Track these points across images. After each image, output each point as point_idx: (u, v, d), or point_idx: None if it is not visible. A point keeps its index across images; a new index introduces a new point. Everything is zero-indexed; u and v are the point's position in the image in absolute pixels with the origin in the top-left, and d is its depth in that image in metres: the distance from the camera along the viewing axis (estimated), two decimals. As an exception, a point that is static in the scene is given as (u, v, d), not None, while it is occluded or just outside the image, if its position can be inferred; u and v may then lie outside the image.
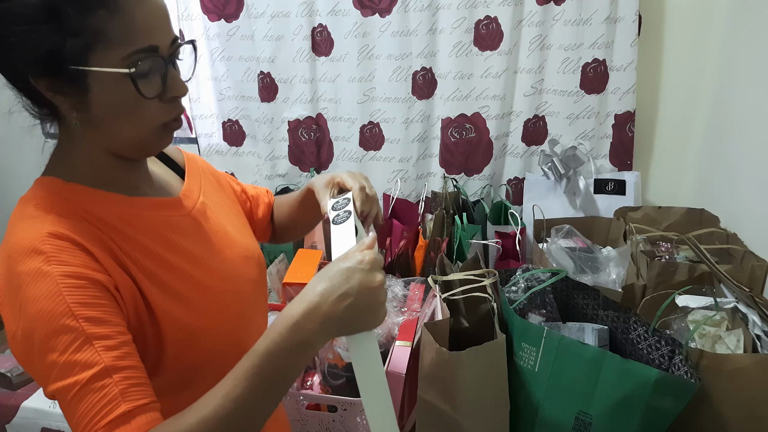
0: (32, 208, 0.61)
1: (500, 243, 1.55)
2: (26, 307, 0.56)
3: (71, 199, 0.63)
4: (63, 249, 0.58)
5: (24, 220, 0.61)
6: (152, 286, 0.63)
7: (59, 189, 0.63)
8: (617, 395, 0.84)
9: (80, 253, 0.59)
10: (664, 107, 1.62)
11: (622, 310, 1.00)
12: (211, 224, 0.76)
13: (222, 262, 0.74)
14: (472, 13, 1.59)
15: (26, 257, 0.57)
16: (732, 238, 1.27)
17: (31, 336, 0.56)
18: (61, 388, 0.55)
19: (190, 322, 0.66)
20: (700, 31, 1.51)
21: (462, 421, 0.93)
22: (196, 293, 0.68)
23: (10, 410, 1.33)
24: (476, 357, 0.90)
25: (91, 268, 0.59)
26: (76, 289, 0.56)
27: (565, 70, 1.60)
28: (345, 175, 0.83)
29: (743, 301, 0.99)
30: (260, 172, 1.93)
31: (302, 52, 1.73)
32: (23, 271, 0.56)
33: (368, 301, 0.59)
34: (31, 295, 0.56)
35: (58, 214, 0.61)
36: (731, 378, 0.85)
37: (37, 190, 0.64)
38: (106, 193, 0.65)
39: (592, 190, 1.63)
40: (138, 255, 0.64)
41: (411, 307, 1.24)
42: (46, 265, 0.56)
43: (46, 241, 0.57)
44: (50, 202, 0.61)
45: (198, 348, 0.67)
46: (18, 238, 0.59)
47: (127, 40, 0.57)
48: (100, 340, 0.56)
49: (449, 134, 1.72)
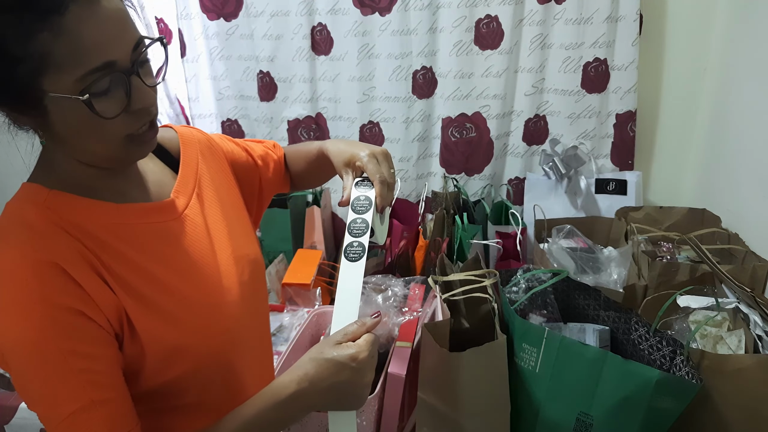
0: (10, 224, 0.59)
1: (501, 243, 1.54)
2: (4, 338, 0.56)
3: (54, 208, 0.60)
4: (45, 280, 0.56)
5: (5, 236, 0.59)
6: (135, 304, 0.62)
7: (42, 197, 0.60)
8: (618, 396, 0.84)
9: (64, 281, 0.57)
10: (665, 107, 1.61)
11: (623, 311, 1.00)
12: (203, 224, 0.74)
13: (212, 269, 0.72)
14: (473, 11, 1.59)
15: (6, 285, 0.56)
16: (733, 238, 1.27)
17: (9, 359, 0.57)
18: (45, 415, 0.58)
19: (173, 340, 0.64)
20: (701, 30, 1.51)
21: (462, 422, 0.93)
22: (182, 309, 0.66)
23: (9, 411, 1.32)
24: (477, 358, 0.89)
25: (76, 297, 0.57)
26: (57, 323, 0.56)
27: (566, 69, 1.59)
28: (366, 160, 0.78)
29: (744, 301, 0.99)
30: (260, 171, 1.92)
31: (302, 51, 1.72)
32: (4, 300, 0.56)
33: (353, 393, 0.65)
34: (12, 326, 0.56)
35: (39, 231, 0.58)
36: (732, 378, 0.85)
37: (20, 199, 0.62)
38: (91, 202, 0.63)
39: (594, 189, 1.62)
40: (122, 270, 0.62)
41: (411, 307, 1.24)
42: (28, 299, 0.55)
43: (29, 271, 0.56)
44: (31, 216, 0.59)
45: (179, 364, 0.66)
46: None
47: (79, 61, 0.53)
48: (87, 374, 0.57)
49: (450, 134, 1.72)
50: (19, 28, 0.51)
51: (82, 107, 0.55)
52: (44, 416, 0.58)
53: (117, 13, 0.56)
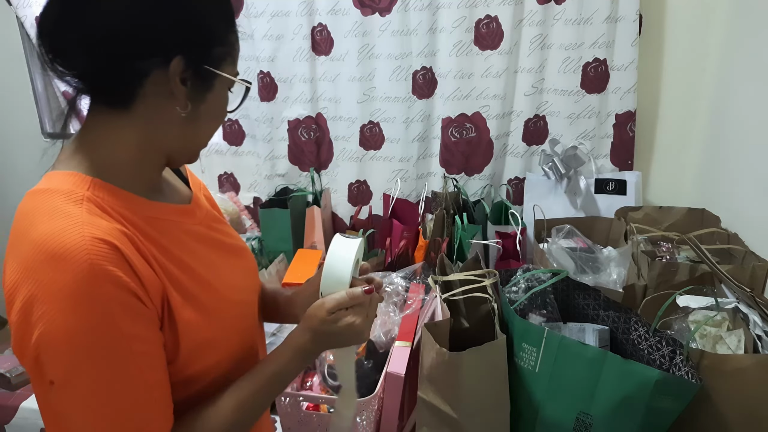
0: (61, 203, 0.57)
1: (501, 243, 1.54)
2: (62, 320, 0.53)
3: (99, 195, 0.59)
4: (107, 258, 0.54)
5: (54, 216, 0.55)
6: (177, 294, 0.62)
7: (86, 184, 0.59)
8: (618, 396, 0.84)
9: (122, 262, 0.56)
10: (664, 107, 1.61)
11: (622, 311, 1.00)
12: (219, 234, 0.77)
13: (234, 272, 0.75)
14: (473, 12, 1.59)
15: (66, 264, 0.53)
16: (733, 238, 1.27)
17: (65, 345, 0.53)
18: (95, 403, 0.55)
19: (207, 332, 0.65)
20: (700, 30, 1.51)
21: (462, 422, 0.93)
22: (216, 304, 0.68)
23: (9, 411, 1.32)
24: (476, 357, 0.89)
25: (132, 279, 0.57)
26: (120, 304, 0.55)
27: (566, 69, 1.60)
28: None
29: (744, 301, 0.99)
30: (260, 171, 1.93)
31: (302, 51, 1.73)
32: (64, 280, 0.53)
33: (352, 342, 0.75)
34: (73, 308, 0.53)
35: (91, 213, 0.57)
36: (732, 378, 0.85)
37: (63, 182, 0.59)
38: (129, 194, 0.63)
39: (593, 190, 1.62)
40: (164, 259, 0.62)
41: (411, 307, 1.24)
42: (91, 277, 0.53)
43: (90, 249, 0.54)
44: (80, 198, 0.58)
45: (206, 357, 0.67)
46: (52, 238, 0.54)
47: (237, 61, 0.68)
48: (144, 358, 0.58)
49: (449, 134, 1.72)
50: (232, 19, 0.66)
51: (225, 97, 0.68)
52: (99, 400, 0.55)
53: None
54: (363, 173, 1.85)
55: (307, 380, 1.21)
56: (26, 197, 0.60)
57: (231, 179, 1.98)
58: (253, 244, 1.72)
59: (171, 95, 0.61)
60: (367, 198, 1.88)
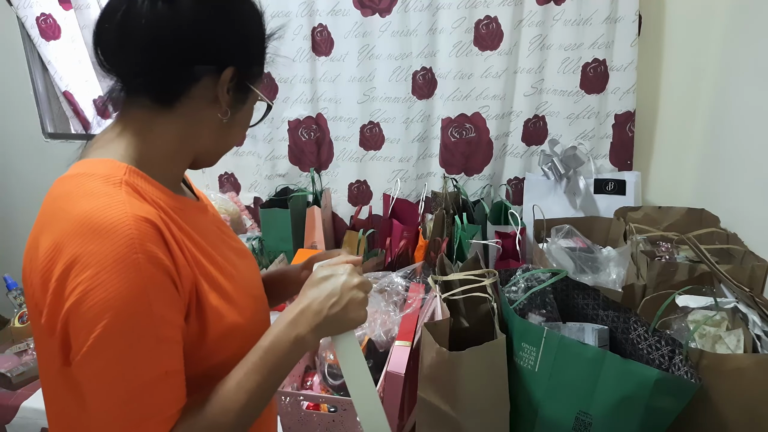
0: (100, 185, 0.58)
1: (500, 243, 1.55)
2: (99, 291, 0.53)
3: (137, 182, 0.61)
4: (148, 237, 0.56)
5: (95, 196, 0.57)
6: (204, 281, 0.64)
7: (123, 170, 0.61)
8: (617, 395, 0.84)
9: (161, 243, 0.57)
10: (664, 107, 1.62)
11: (622, 310, 1.00)
12: (227, 237, 0.79)
13: (245, 269, 0.77)
14: (472, 12, 1.59)
15: (108, 237, 0.54)
16: (732, 238, 1.27)
17: (97, 315, 0.53)
18: (114, 377, 0.55)
19: (232, 319, 0.66)
20: (700, 30, 1.51)
21: (462, 421, 0.93)
22: (237, 292, 0.69)
23: (10, 410, 1.32)
24: (476, 357, 0.89)
25: (168, 261, 0.58)
26: (156, 285, 0.56)
27: (565, 70, 1.60)
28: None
29: (743, 301, 0.99)
30: (260, 171, 1.93)
31: (302, 51, 1.73)
32: (104, 252, 0.53)
33: (351, 298, 0.69)
34: (111, 280, 0.53)
35: (130, 195, 0.58)
36: (731, 378, 0.85)
37: (95, 169, 0.60)
38: (160, 185, 0.65)
39: (592, 190, 1.63)
40: (193, 248, 0.64)
41: (411, 306, 1.24)
42: (131, 252, 0.54)
43: (132, 225, 0.55)
44: (118, 182, 0.59)
45: (232, 344, 0.67)
46: (95, 213, 0.55)
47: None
48: (167, 343, 0.58)
49: (449, 134, 1.72)
50: (264, 44, 0.72)
51: (252, 111, 0.74)
52: (116, 375, 0.55)
53: None
54: (363, 173, 1.85)
55: (308, 380, 1.21)
56: (57, 183, 0.61)
57: (231, 179, 1.99)
58: (253, 244, 1.72)
59: (214, 101, 0.66)
60: (367, 198, 1.88)
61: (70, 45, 2.07)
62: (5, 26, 2.05)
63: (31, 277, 0.59)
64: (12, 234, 2.36)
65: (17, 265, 0.65)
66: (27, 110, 2.15)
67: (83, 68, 2.09)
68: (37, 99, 2.14)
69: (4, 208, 2.34)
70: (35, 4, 1.99)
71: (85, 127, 2.21)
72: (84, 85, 2.13)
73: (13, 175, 2.26)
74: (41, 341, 0.62)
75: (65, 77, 2.12)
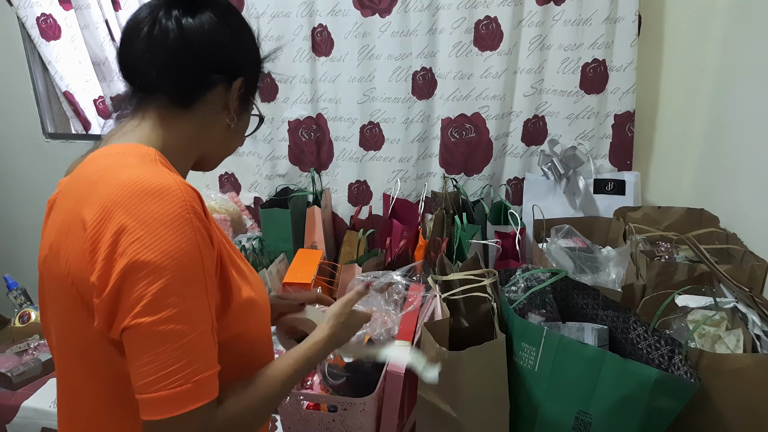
0: (137, 160, 0.64)
1: (500, 243, 1.55)
2: (159, 245, 0.57)
3: (165, 164, 0.68)
4: (194, 200, 0.62)
5: (136, 166, 0.62)
6: (225, 255, 0.68)
7: (153, 152, 0.67)
8: (617, 395, 0.84)
9: (202, 208, 0.63)
10: (663, 107, 1.62)
11: (621, 310, 1.00)
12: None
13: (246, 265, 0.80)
14: (472, 13, 1.59)
15: (162, 198, 0.59)
16: (731, 238, 1.27)
17: (159, 268, 0.57)
18: (173, 328, 0.57)
19: (249, 293, 0.71)
20: (699, 31, 1.51)
21: (462, 421, 0.93)
22: (249, 271, 0.76)
23: (11, 410, 1.33)
24: (476, 357, 0.90)
25: (208, 225, 0.63)
26: (204, 243, 0.61)
27: (565, 70, 1.60)
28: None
29: (743, 301, 0.99)
30: (260, 172, 1.93)
31: (302, 52, 1.73)
32: (160, 211, 0.58)
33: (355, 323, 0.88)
34: (169, 235, 0.58)
35: (167, 169, 0.65)
36: (731, 378, 0.85)
37: (127, 149, 0.67)
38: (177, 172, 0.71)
39: (592, 190, 1.63)
40: (213, 228, 0.67)
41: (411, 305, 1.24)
42: (185, 211, 0.60)
43: (182, 188, 0.61)
44: (153, 159, 0.66)
45: (251, 316, 0.72)
46: (144, 178, 0.60)
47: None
48: (212, 299, 0.62)
49: (449, 134, 1.72)
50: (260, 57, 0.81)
51: (249, 120, 0.82)
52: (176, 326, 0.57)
53: None
54: (363, 173, 1.85)
55: (307, 380, 1.21)
56: (88, 163, 0.66)
57: (232, 179, 1.99)
58: (253, 244, 1.72)
59: (224, 107, 0.74)
60: (367, 198, 1.88)
61: (70, 45, 2.07)
62: (5, 26, 2.05)
63: (66, 251, 0.62)
64: (12, 234, 2.36)
65: (17, 265, 0.66)
66: (27, 110, 2.15)
67: (83, 68, 2.09)
68: (37, 99, 2.14)
69: (4, 208, 2.34)
70: (35, 4, 2.00)
71: (85, 127, 2.21)
72: (84, 85, 2.14)
73: (13, 175, 2.26)
74: (72, 316, 0.64)
75: (65, 77, 2.12)
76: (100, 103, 2.15)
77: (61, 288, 0.63)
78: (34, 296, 1.72)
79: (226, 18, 0.73)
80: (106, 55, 1.99)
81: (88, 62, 2.01)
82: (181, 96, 0.71)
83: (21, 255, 2.33)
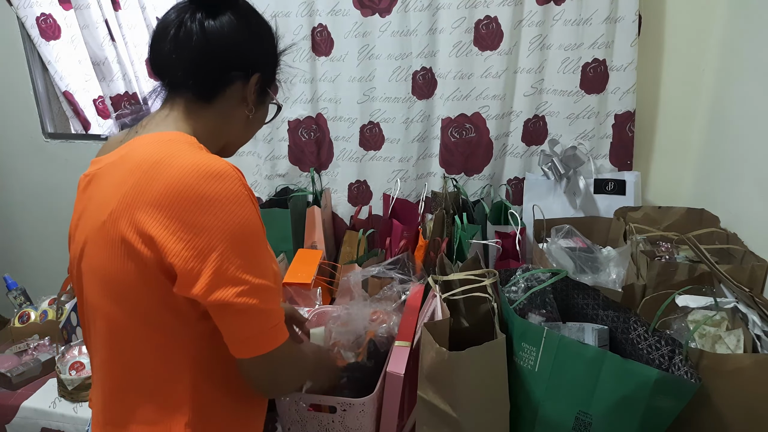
0: (188, 147, 0.73)
1: (500, 243, 1.55)
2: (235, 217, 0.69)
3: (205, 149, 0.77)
4: (245, 182, 0.73)
5: (191, 152, 0.71)
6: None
7: (193, 140, 0.77)
8: (617, 395, 0.84)
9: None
10: (664, 107, 1.62)
11: (622, 310, 1.00)
12: None
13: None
14: (472, 13, 1.59)
15: (224, 179, 0.69)
16: (732, 238, 1.27)
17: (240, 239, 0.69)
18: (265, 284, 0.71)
19: (277, 269, 0.79)
20: (700, 31, 1.51)
21: (462, 421, 0.93)
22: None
23: (10, 410, 1.33)
24: (476, 357, 0.90)
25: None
26: (259, 214, 0.74)
27: (565, 70, 1.60)
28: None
29: (743, 301, 0.99)
30: (260, 171, 1.93)
31: (302, 51, 1.73)
32: (226, 189, 0.69)
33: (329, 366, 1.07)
34: (238, 210, 0.69)
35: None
36: (731, 378, 0.85)
37: (175, 136, 0.76)
38: None
39: (592, 190, 1.63)
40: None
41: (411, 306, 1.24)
42: (245, 189, 0.71)
43: (236, 171, 0.72)
44: (200, 146, 0.75)
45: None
46: (203, 162, 0.69)
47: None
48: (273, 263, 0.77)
49: (449, 134, 1.72)
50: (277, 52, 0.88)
51: (267, 111, 0.93)
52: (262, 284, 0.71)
53: None
54: (363, 173, 1.85)
55: (308, 380, 1.21)
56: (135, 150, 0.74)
57: (231, 179, 1.98)
58: (253, 244, 1.72)
59: (242, 100, 0.83)
60: (367, 198, 1.88)
61: (70, 45, 2.07)
62: (5, 26, 2.05)
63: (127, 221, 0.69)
64: (12, 234, 2.36)
65: (17, 265, 0.66)
66: (27, 110, 2.15)
67: (83, 68, 2.09)
68: (37, 99, 2.14)
69: (4, 208, 2.33)
70: (35, 4, 2.00)
71: (84, 127, 2.21)
72: (84, 85, 2.14)
73: (13, 175, 2.26)
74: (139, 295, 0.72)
75: (65, 77, 2.12)
76: (100, 103, 2.15)
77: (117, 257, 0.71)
78: (34, 296, 1.73)
79: (246, 19, 0.80)
80: (105, 55, 1.99)
81: (88, 62, 2.01)
82: (204, 92, 0.80)
83: (21, 255, 2.33)
